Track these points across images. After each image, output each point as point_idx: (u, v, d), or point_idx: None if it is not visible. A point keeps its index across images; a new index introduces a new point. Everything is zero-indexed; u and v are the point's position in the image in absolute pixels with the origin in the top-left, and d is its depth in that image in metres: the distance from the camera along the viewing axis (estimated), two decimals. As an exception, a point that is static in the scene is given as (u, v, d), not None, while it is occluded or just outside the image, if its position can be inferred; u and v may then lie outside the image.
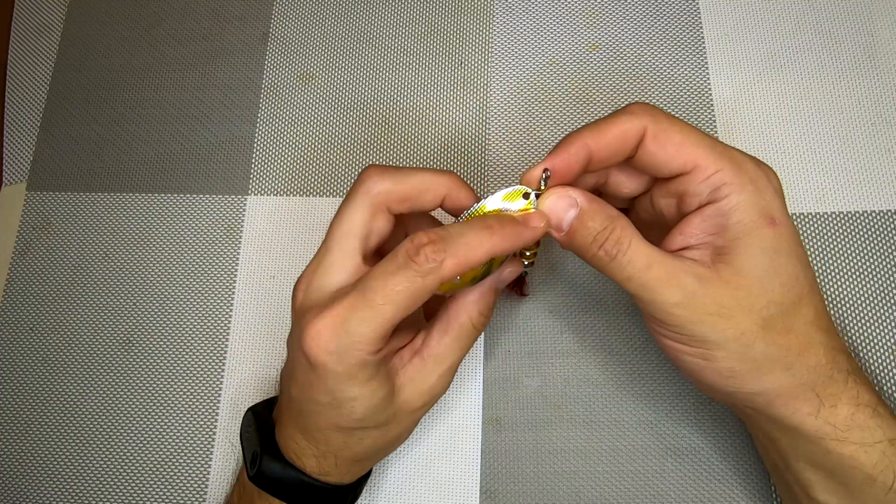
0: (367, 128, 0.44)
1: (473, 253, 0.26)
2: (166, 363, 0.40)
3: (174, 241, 0.42)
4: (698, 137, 0.27)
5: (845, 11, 0.44)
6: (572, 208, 0.28)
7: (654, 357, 0.38)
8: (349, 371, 0.27)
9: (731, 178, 0.27)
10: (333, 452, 0.30)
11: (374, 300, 0.26)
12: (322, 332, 0.26)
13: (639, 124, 0.27)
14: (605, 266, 0.27)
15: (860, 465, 0.27)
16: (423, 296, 0.26)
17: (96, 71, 0.46)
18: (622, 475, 0.36)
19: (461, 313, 0.30)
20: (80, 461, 0.38)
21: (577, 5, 0.45)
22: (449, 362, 0.30)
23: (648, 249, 0.27)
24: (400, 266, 0.26)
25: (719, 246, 0.27)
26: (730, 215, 0.27)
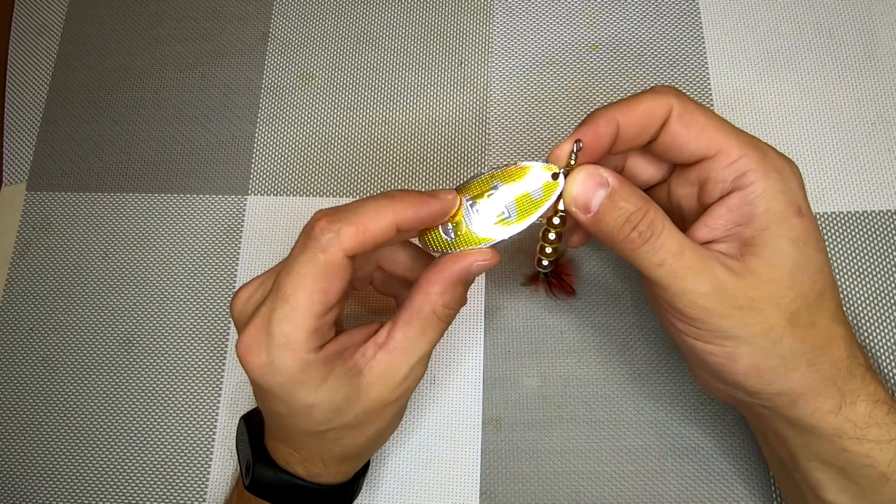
0: (367, 128, 0.44)
1: (374, 220, 0.25)
2: (166, 363, 0.40)
3: (174, 241, 0.42)
4: (722, 123, 0.27)
5: (845, 11, 0.44)
6: (602, 188, 0.26)
7: (655, 357, 0.38)
8: (292, 378, 0.25)
9: (756, 165, 0.26)
10: (317, 456, 0.29)
11: (285, 293, 0.25)
12: (250, 344, 0.26)
13: (665, 103, 0.27)
14: (635, 250, 0.26)
15: (875, 464, 0.26)
16: (332, 273, 0.25)
17: (96, 71, 0.46)
18: (622, 475, 0.36)
19: (425, 304, 0.28)
20: (80, 461, 0.38)
21: (577, 5, 0.45)
22: (418, 354, 0.28)
23: (680, 236, 0.26)
24: (300, 249, 0.25)
25: (747, 237, 0.26)
26: (757, 204, 0.26)
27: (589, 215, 0.27)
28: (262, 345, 0.25)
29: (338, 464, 0.30)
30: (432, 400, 0.38)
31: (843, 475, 0.27)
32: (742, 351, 0.26)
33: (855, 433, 0.26)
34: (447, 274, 0.28)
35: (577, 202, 0.27)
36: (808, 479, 0.28)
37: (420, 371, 0.29)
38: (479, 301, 0.40)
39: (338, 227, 0.25)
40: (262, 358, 0.25)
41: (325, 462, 0.30)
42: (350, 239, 0.25)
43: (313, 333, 0.25)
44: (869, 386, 0.27)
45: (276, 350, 0.25)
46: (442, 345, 0.39)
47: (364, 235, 0.25)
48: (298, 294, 0.25)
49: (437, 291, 0.28)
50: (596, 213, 0.26)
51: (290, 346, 0.25)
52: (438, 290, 0.28)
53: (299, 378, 0.26)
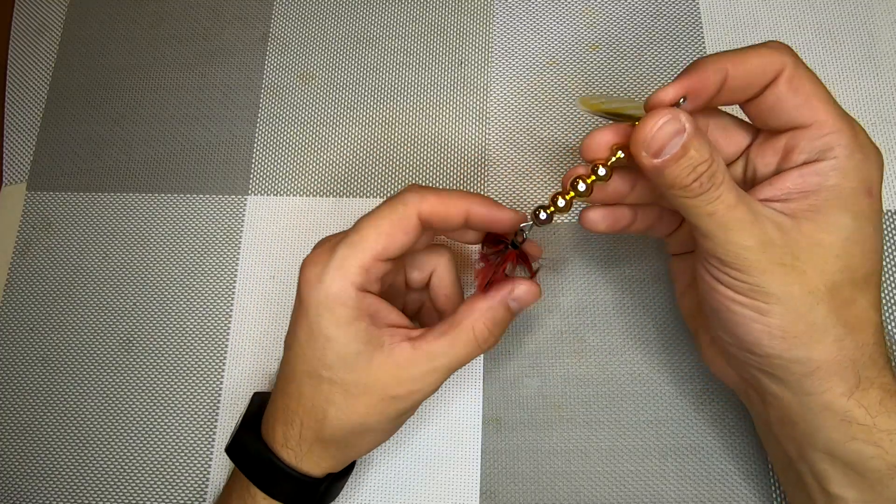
0: (367, 128, 0.44)
1: (453, 201, 0.29)
2: (166, 363, 0.40)
3: (174, 241, 0.42)
4: (827, 93, 0.27)
5: (845, 11, 0.44)
6: (679, 135, 0.25)
7: (654, 357, 0.38)
8: (329, 300, 0.28)
9: (845, 142, 0.26)
10: (300, 416, 0.29)
11: (360, 227, 0.29)
12: (312, 258, 0.29)
13: (779, 61, 0.26)
14: (692, 198, 0.26)
15: (884, 455, 0.26)
16: (404, 226, 0.28)
17: (96, 71, 0.46)
18: (622, 475, 0.36)
19: (466, 319, 0.29)
20: (80, 461, 0.38)
21: (577, 5, 0.45)
22: (439, 363, 0.29)
23: (737, 189, 0.26)
24: (386, 201, 0.29)
25: (809, 203, 0.26)
26: (830, 177, 0.26)
27: (657, 160, 0.26)
28: (321, 261, 0.29)
29: (311, 441, 0.30)
30: (432, 400, 0.38)
31: (851, 467, 0.27)
32: (774, 308, 0.26)
33: (865, 420, 0.26)
34: (494, 294, 0.30)
35: (650, 146, 0.26)
36: (815, 471, 0.28)
37: (432, 381, 0.29)
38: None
39: (423, 193, 0.29)
40: (317, 270, 0.28)
41: (303, 430, 0.30)
42: (430, 204, 0.29)
43: (363, 270, 0.28)
44: (885, 377, 0.27)
45: (330, 269, 0.28)
46: (442, 345, 0.39)
47: (442, 206, 0.29)
48: (369, 230, 0.28)
49: (482, 308, 0.30)
50: (665, 159, 0.26)
51: (343, 268, 0.28)
52: (483, 307, 0.30)
53: (334, 303, 0.28)
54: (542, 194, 0.42)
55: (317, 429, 0.29)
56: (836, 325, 0.26)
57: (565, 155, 0.42)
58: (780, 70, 0.26)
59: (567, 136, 0.43)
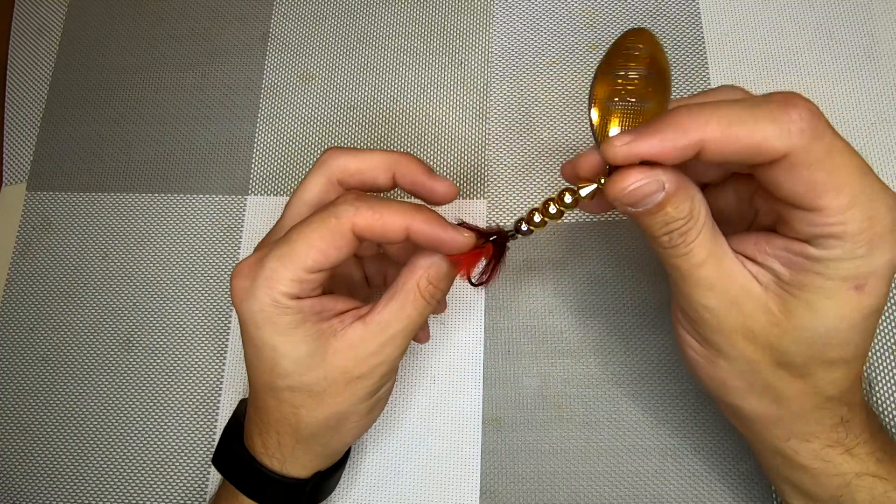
0: (367, 128, 0.44)
1: (391, 216, 0.27)
2: (166, 363, 0.40)
3: (174, 241, 0.42)
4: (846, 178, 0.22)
5: (845, 11, 0.44)
6: (658, 193, 0.24)
7: (655, 357, 0.38)
8: (264, 312, 0.27)
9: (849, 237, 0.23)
10: (274, 427, 0.29)
11: (290, 238, 0.27)
12: (242, 269, 0.28)
13: (784, 147, 0.22)
14: (659, 249, 0.25)
15: (823, 487, 0.27)
16: (336, 240, 0.27)
17: (96, 71, 0.46)
18: (622, 475, 0.36)
19: (409, 278, 0.28)
20: (80, 461, 0.38)
21: (577, 5, 0.45)
22: (393, 329, 0.28)
23: (713, 245, 0.25)
24: (320, 211, 0.28)
25: (785, 280, 0.24)
26: (815, 266, 0.23)
27: (631, 210, 0.25)
28: (251, 273, 0.27)
29: (292, 445, 0.30)
30: (432, 400, 0.38)
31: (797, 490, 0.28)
32: (719, 363, 0.27)
33: (797, 459, 0.27)
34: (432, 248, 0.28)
35: (622, 200, 0.24)
36: (774, 484, 0.30)
37: (391, 351, 0.29)
38: (480, 301, 0.40)
39: (358, 206, 0.27)
40: (246, 283, 0.27)
41: (280, 438, 0.29)
42: (364, 219, 0.27)
43: (296, 283, 0.27)
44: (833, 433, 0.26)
45: (259, 280, 0.27)
46: (442, 344, 0.39)
47: (377, 222, 0.27)
48: (300, 243, 0.27)
49: (423, 265, 0.28)
50: (638, 211, 0.25)
51: (272, 281, 0.27)
52: (424, 263, 0.28)
53: (271, 314, 0.27)
54: (542, 194, 0.42)
55: (293, 433, 0.29)
56: (778, 389, 0.26)
57: (566, 155, 0.42)
58: (779, 156, 0.22)
59: (567, 136, 0.43)
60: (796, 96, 0.22)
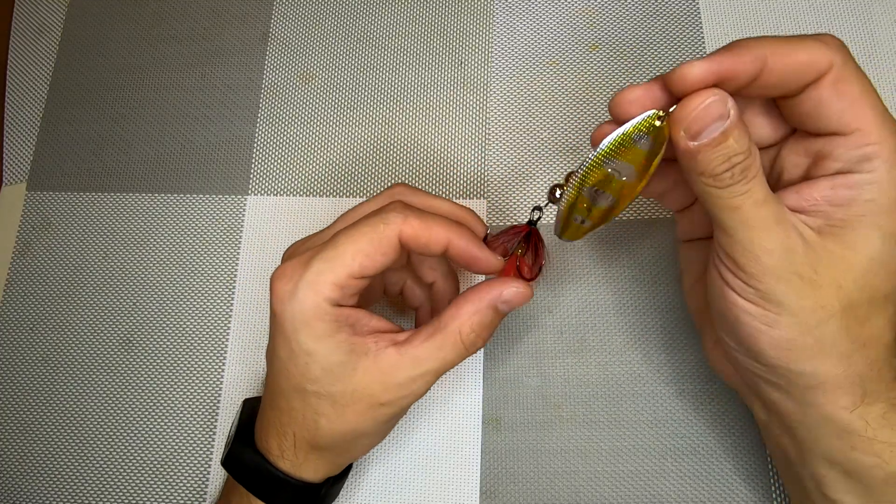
0: (367, 128, 0.44)
1: (436, 228, 0.28)
2: (166, 363, 0.40)
3: (174, 241, 0.42)
4: (875, 99, 0.24)
5: (845, 11, 0.44)
6: (723, 119, 0.24)
7: (654, 357, 0.38)
8: (305, 316, 0.27)
9: (888, 154, 0.24)
10: (292, 429, 0.29)
11: (337, 242, 0.27)
12: (284, 271, 0.28)
13: (829, 59, 0.24)
14: (719, 189, 0.24)
15: (883, 465, 0.26)
16: (383, 246, 0.27)
17: (96, 71, 0.46)
18: (622, 475, 0.36)
19: (452, 322, 0.28)
20: (80, 461, 0.38)
21: (577, 5, 0.45)
22: (425, 367, 0.28)
23: (768, 189, 0.25)
24: (368, 217, 0.28)
25: (838, 218, 0.25)
26: (864, 191, 0.24)
27: (693, 143, 0.24)
28: (295, 275, 0.27)
29: (307, 450, 0.30)
30: (432, 400, 0.38)
31: (850, 475, 0.27)
32: (783, 319, 0.25)
33: (866, 432, 0.26)
34: (482, 295, 0.29)
35: (690, 126, 0.24)
36: (815, 476, 0.28)
37: (419, 387, 0.29)
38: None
39: (407, 214, 0.28)
40: (289, 286, 0.27)
41: (296, 440, 0.29)
42: (413, 228, 0.27)
43: (337, 287, 0.27)
44: (892, 391, 0.26)
45: (303, 283, 0.27)
46: (442, 345, 0.39)
47: (423, 233, 0.28)
48: (347, 246, 0.27)
49: (469, 311, 0.28)
50: (702, 143, 0.24)
51: (316, 284, 0.27)
52: (470, 309, 0.28)
53: (310, 318, 0.27)
54: (542, 194, 0.42)
55: (310, 439, 0.29)
56: (846, 341, 0.25)
57: (566, 155, 0.42)
58: (826, 69, 0.24)
59: (567, 136, 0.43)
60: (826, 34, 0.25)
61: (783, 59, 0.24)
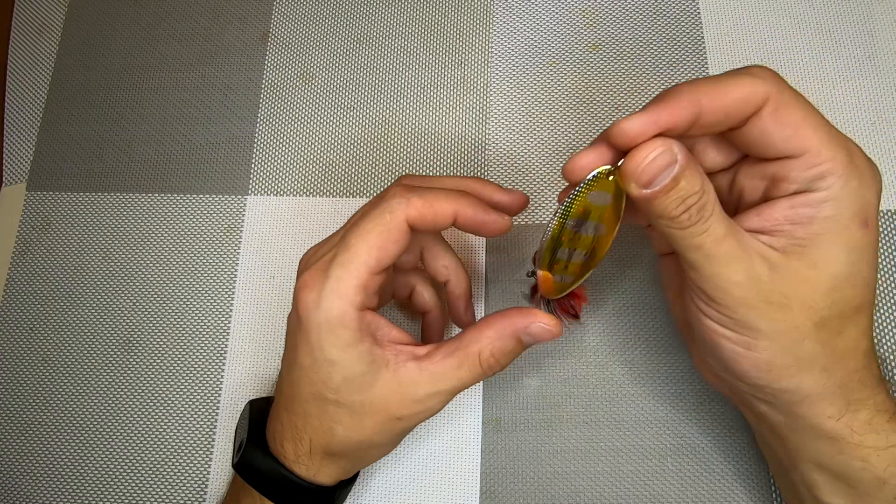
0: (367, 128, 0.44)
1: (440, 203, 0.28)
2: (166, 363, 0.40)
3: (174, 241, 0.42)
4: (817, 119, 0.25)
5: (845, 11, 0.44)
6: (671, 166, 0.24)
7: (654, 357, 0.38)
8: (330, 324, 0.27)
9: (840, 171, 0.24)
10: (308, 434, 0.29)
11: (349, 243, 0.28)
12: (307, 281, 0.28)
13: (763, 91, 0.24)
14: (679, 230, 0.25)
15: (871, 468, 0.26)
16: (393, 235, 0.27)
17: (96, 71, 0.46)
18: (622, 475, 0.36)
19: (473, 343, 0.28)
20: (80, 461, 0.38)
21: (577, 5, 0.45)
22: (443, 385, 0.28)
23: (727, 222, 0.25)
24: (371, 207, 0.28)
25: (799, 237, 0.25)
26: (822, 208, 0.25)
27: (646, 191, 0.25)
28: (317, 284, 0.27)
29: (322, 455, 0.30)
30: (432, 400, 0.38)
31: (840, 478, 0.27)
32: (760, 343, 0.26)
33: (852, 438, 0.26)
34: (507, 323, 0.28)
35: (639, 178, 0.24)
36: (806, 481, 0.28)
37: (434, 403, 0.29)
38: (479, 301, 0.40)
39: (409, 197, 0.28)
40: (313, 294, 0.27)
41: (312, 446, 0.29)
42: (417, 209, 0.28)
43: (361, 288, 0.27)
44: (877, 396, 0.27)
45: (327, 291, 0.27)
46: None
47: (429, 211, 0.28)
48: (360, 245, 0.27)
49: (491, 336, 0.28)
50: (654, 191, 0.24)
51: (340, 290, 0.27)
52: (492, 335, 0.28)
53: (336, 326, 0.27)
54: (542, 194, 0.42)
55: (325, 446, 0.29)
56: (824, 356, 0.26)
57: (566, 155, 0.42)
58: (762, 101, 0.25)
59: (567, 136, 0.43)
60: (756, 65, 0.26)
61: (718, 101, 0.24)
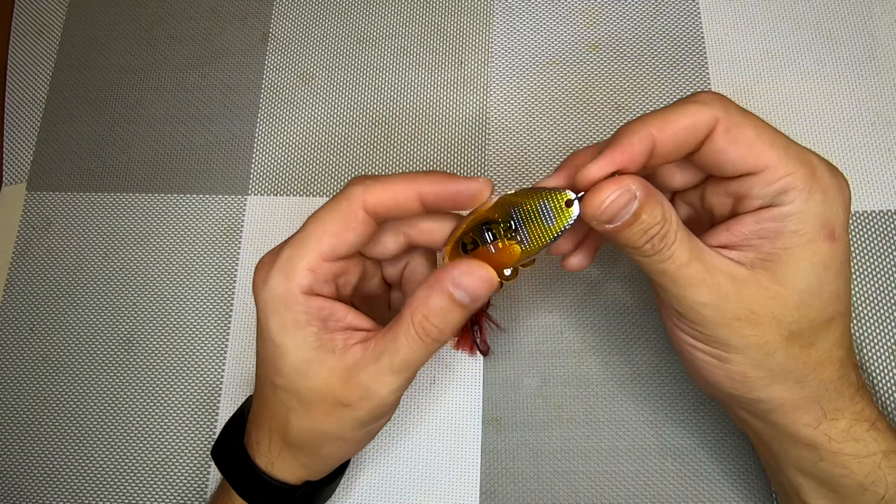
0: (367, 128, 0.44)
1: (400, 186, 0.27)
2: (166, 363, 0.40)
3: (174, 241, 0.42)
4: (772, 135, 0.26)
5: (845, 11, 0.44)
6: (632, 202, 0.25)
7: (654, 357, 0.38)
8: (275, 302, 0.27)
9: (801, 184, 0.25)
10: (268, 423, 0.29)
11: (304, 227, 0.28)
12: (262, 261, 0.28)
13: (710, 115, 0.25)
14: (644, 258, 0.26)
15: (852, 475, 0.27)
16: (349, 221, 0.27)
17: (96, 71, 0.46)
18: (622, 475, 0.36)
19: (405, 310, 0.27)
20: (80, 461, 0.38)
21: (577, 5, 0.45)
22: (385, 362, 0.27)
23: (691, 243, 0.26)
24: (332, 198, 0.28)
25: (766, 251, 0.26)
26: (787, 223, 0.25)
27: (609, 226, 0.26)
28: (268, 264, 0.28)
29: (280, 446, 0.29)
30: (432, 400, 0.38)
31: (822, 484, 0.28)
32: (732, 357, 0.26)
33: (830, 446, 0.27)
34: (434, 279, 0.27)
35: (601, 217, 0.25)
36: (791, 483, 0.29)
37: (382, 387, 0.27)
38: (479, 301, 0.40)
39: (367, 184, 0.27)
40: (263, 274, 0.27)
41: (271, 435, 0.29)
42: (375, 195, 0.27)
43: (309, 271, 0.27)
44: (856, 405, 0.27)
45: (275, 270, 0.27)
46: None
47: (388, 193, 0.27)
48: (314, 229, 0.27)
49: (420, 297, 0.27)
50: (616, 226, 0.26)
51: (287, 270, 0.27)
52: (421, 294, 0.27)
53: (279, 306, 0.27)
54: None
55: (282, 434, 0.29)
56: (796, 367, 0.26)
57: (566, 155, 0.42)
58: (711, 125, 0.25)
59: (568, 136, 0.43)
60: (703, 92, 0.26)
61: (668, 130, 0.25)
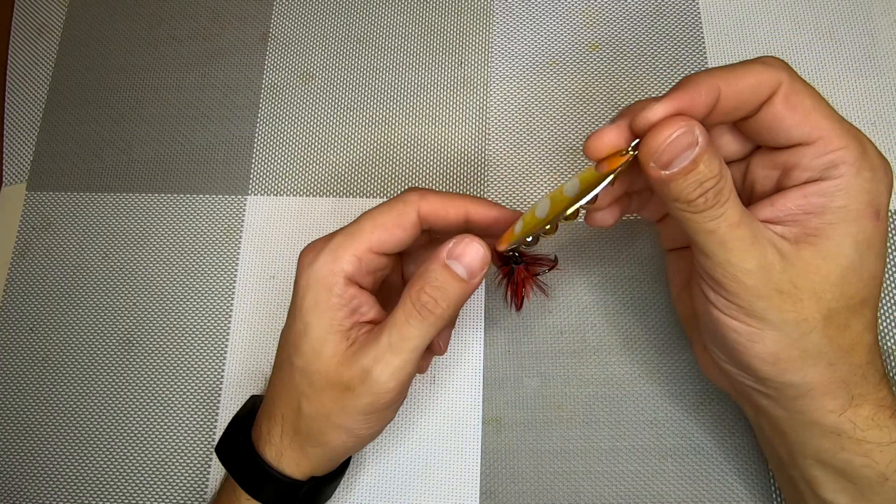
0: (367, 128, 0.44)
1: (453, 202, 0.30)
2: (166, 363, 0.40)
3: (174, 241, 0.42)
4: (828, 108, 0.25)
5: (845, 11, 0.44)
6: (692, 148, 0.24)
7: (655, 357, 0.38)
8: (317, 279, 0.28)
9: (852, 160, 0.25)
10: (280, 410, 0.30)
11: (358, 220, 0.30)
12: (310, 246, 0.30)
13: (775, 77, 0.25)
14: (694, 214, 0.25)
15: (874, 464, 0.26)
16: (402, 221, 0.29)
17: (96, 71, 0.46)
18: (622, 475, 0.36)
19: (405, 291, 0.28)
20: (80, 461, 0.38)
21: (577, 5, 0.45)
22: (384, 340, 0.27)
23: (741, 208, 0.25)
24: (388, 200, 0.30)
25: (812, 227, 0.25)
26: (835, 198, 0.25)
27: (665, 172, 0.24)
28: (318, 246, 0.29)
29: (291, 435, 0.30)
30: (432, 400, 0.38)
31: (841, 475, 0.27)
32: (767, 335, 0.26)
33: (854, 433, 0.26)
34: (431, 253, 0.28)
35: (660, 157, 0.24)
36: (806, 477, 0.28)
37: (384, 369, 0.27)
38: (480, 301, 0.40)
39: (424, 193, 0.30)
40: (311, 256, 0.29)
41: (284, 423, 0.30)
42: (430, 203, 0.29)
43: (356, 259, 0.28)
44: (880, 391, 0.27)
45: (324, 252, 0.29)
46: (442, 345, 0.39)
47: (442, 206, 0.29)
48: (366, 222, 0.29)
49: (419, 273, 0.28)
50: (673, 172, 0.24)
51: (336, 252, 0.28)
52: (420, 270, 0.28)
53: (319, 285, 0.28)
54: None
55: (293, 421, 0.29)
56: (829, 349, 0.26)
57: (566, 155, 0.42)
58: (775, 88, 0.25)
59: (568, 136, 0.43)
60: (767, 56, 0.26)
61: (734, 85, 0.25)
